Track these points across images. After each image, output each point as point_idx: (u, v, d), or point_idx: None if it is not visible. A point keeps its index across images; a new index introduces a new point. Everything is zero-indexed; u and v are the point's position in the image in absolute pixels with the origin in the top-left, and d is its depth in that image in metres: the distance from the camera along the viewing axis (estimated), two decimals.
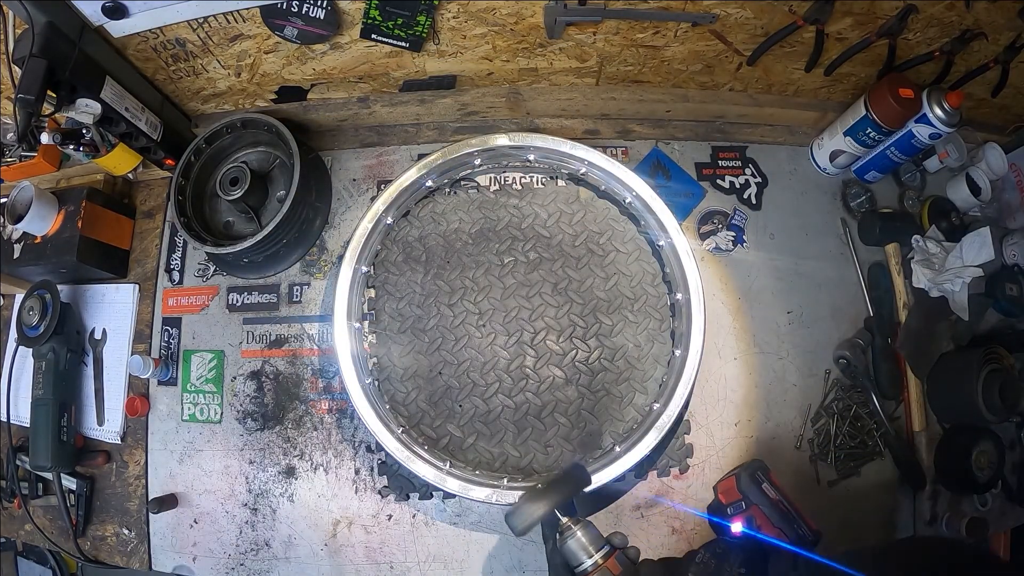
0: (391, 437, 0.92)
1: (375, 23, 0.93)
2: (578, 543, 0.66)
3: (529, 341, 1.00)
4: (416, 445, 0.93)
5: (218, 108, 1.14)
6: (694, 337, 0.94)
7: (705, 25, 0.95)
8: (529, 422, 0.96)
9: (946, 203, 1.18)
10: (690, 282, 0.97)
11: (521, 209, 1.07)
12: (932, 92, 1.03)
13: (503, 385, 0.98)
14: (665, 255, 1.02)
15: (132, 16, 0.89)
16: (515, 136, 1.06)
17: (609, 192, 1.07)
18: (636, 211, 1.06)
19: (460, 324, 1.01)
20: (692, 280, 0.97)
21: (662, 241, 1.02)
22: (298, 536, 1.01)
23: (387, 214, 1.05)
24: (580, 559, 0.66)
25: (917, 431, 1.06)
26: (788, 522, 0.87)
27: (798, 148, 1.20)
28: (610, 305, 1.02)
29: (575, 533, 0.66)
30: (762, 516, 0.85)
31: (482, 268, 1.04)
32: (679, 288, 1.00)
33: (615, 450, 0.93)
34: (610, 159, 1.04)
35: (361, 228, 1.02)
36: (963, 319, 1.08)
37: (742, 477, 0.87)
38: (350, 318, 0.99)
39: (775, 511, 0.85)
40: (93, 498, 1.06)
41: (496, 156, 1.09)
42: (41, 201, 1.05)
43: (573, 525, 0.67)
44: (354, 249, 1.01)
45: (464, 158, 1.07)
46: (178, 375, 1.08)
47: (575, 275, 1.03)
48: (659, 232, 1.03)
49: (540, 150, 1.07)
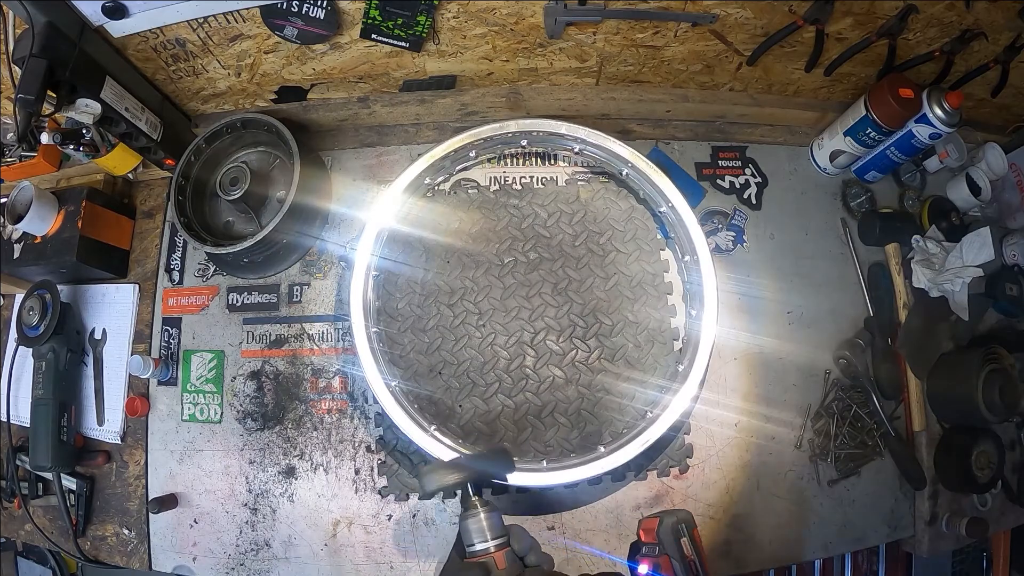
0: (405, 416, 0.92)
1: (375, 23, 0.93)
2: (477, 524, 0.66)
3: (529, 341, 1.00)
4: None
5: (218, 108, 1.14)
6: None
7: (705, 25, 0.95)
8: (529, 422, 0.96)
9: (946, 203, 1.18)
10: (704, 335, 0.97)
11: (521, 209, 1.07)
12: (932, 92, 1.03)
13: (503, 385, 0.98)
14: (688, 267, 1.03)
15: (132, 16, 0.89)
16: (575, 128, 1.05)
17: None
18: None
19: (460, 324, 1.01)
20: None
21: (687, 257, 1.03)
22: (298, 536, 1.01)
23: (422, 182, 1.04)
24: (472, 540, 0.66)
25: (917, 431, 1.06)
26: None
27: (798, 148, 1.20)
28: (610, 305, 1.02)
29: (479, 514, 0.67)
30: (669, 568, 0.82)
31: (482, 268, 1.04)
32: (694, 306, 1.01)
33: (599, 449, 0.93)
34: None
35: None
36: (963, 319, 1.08)
37: (664, 524, 0.83)
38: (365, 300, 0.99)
39: (683, 568, 0.82)
40: (93, 498, 1.06)
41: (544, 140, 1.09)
42: (41, 201, 1.05)
43: (480, 506, 0.67)
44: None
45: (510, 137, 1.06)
46: (178, 375, 1.08)
47: (575, 275, 1.03)
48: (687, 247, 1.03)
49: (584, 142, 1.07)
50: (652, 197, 1.05)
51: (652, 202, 1.06)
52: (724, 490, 1.01)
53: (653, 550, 0.85)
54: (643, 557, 0.85)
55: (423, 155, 1.04)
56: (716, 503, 1.01)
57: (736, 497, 1.01)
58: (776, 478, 1.03)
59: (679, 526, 0.84)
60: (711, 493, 1.01)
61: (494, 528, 0.67)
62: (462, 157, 1.09)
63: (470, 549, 0.66)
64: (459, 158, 1.08)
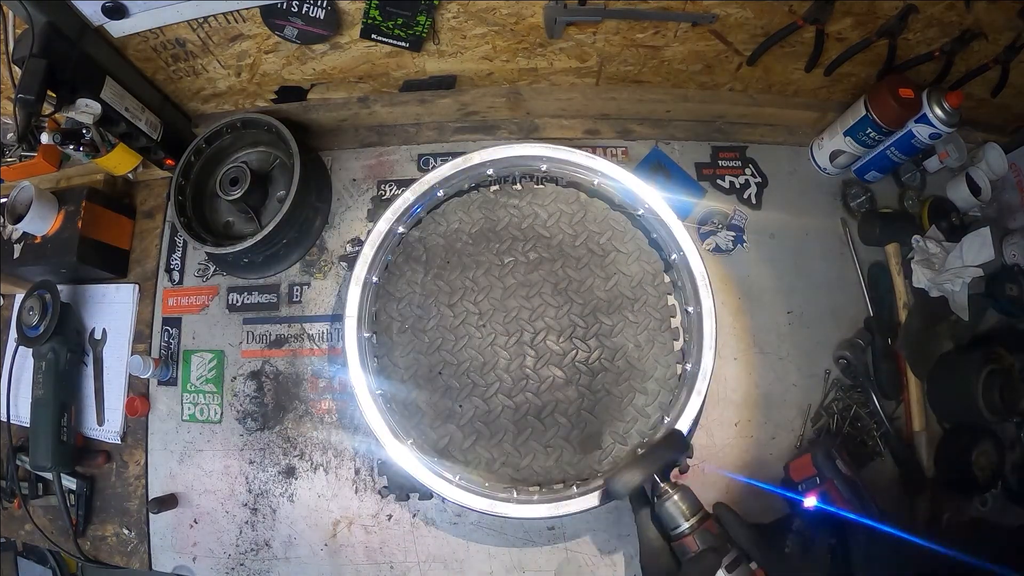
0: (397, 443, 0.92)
1: (375, 23, 0.93)
2: (675, 506, 0.70)
3: (529, 341, 1.00)
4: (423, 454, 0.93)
5: (218, 108, 1.14)
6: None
7: (705, 25, 0.95)
8: (529, 422, 0.96)
9: (946, 203, 1.18)
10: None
11: (521, 209, 1.07)
12: (932, 92, 1.03)
13: (503, 385, 0.98)
14: (678, 270, 1.02)
15: (132, 16, 0.89)
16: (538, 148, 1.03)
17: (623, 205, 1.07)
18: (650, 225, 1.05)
19: (460, 324, 1.01)
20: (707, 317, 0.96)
21: (674, 256, 1.02)
22: (298, 536, 1.01)
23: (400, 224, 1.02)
24: (678, 522, 0.69)
25: (917, 431, 1.06)
26: (859, 497, 0.90)
27: (798, 148, 1.20)
28: (610, 305, 1.02)
29: (671, 497, 0.70)
30: (836, 491, 0.89)
31: (482, 268, 1.04)
32: (691, 303, 1.00)
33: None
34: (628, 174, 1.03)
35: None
36: (963, 319, 1.08)
37: (818, 455, 0.91)
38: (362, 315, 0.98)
39: (848, 487, 0.89)
40: (93, 498, 1.06)
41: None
42: (41, 201, 1.05)
43: (671, 489, 0.70)
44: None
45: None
46: (178, 375, 1.08)
47: (575, 275, 1.03)
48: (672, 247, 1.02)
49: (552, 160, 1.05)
50: (627, 202, 1.05)
51: (629, 207, 1.05)
52: (724, 490, 1.01)
53: (813, 482, 0.91)
54: (806, 491, 0.91)
55: (390, 206, 1.01)
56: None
57: (736, 497, 1.01)
58: (776, 478, 1.02)
59: (831, 451, 0.90)
60: (711, 493, 1.01)
61: (692, 504, 0.70)
62: (429, 198, 1.05)
63: (677, 531, 0.70)
64: (424, 201, 1.05)
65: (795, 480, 0.95)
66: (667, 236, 1.02)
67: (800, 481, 0.94)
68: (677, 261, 1.01)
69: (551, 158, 1.04)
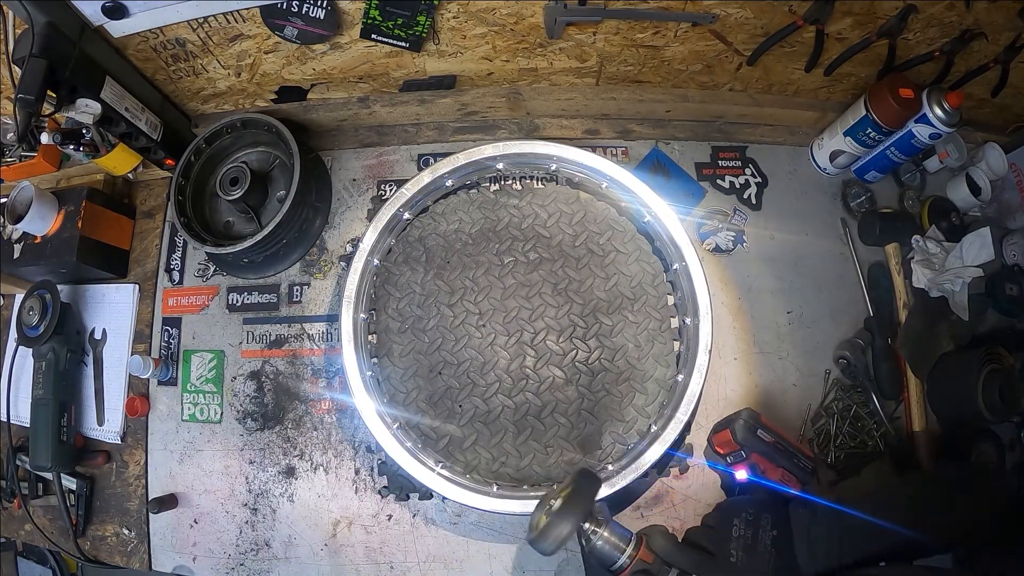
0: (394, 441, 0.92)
1: (375, 23, 0.93)
2: (606, 543, 0.67)
3: (529, 341, 1.00)
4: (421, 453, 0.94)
5: (218, 108, 1.14)
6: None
7: (705, 25, 0.95)
8: (529, 422, 0.96)
9: (946, 203, 1.18)
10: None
11: (521, 209, 1.07)
12: (932, 92, 1.03)
13: (503, 385, 0.98)
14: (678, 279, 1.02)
15: (132, 16, 0.89)
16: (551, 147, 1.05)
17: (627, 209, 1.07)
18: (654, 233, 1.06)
19: (460, 324, 1.01)
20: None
21: (675, 265, 1.02)
22: (298, 536, 1.01)
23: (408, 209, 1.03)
24: (614, 557, 0.67)
25: (917, 431, 1.06)
26: (788, 458, 0.91)
27: (798, 148, 1.20)
28: (610, 305, 1.02)
29: (601, 534, 0.67)
30: (764, 461, 0.88)
31: (482, 268, 1.04)
32: (688, 313, 1.00)
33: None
34: None
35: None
36: (963, 319, 1.08)
37: (737, 430, 0.89)
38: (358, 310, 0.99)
39: (774, 452, 0.88)
40: (93, 498, 1.06)
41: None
42: (41, 201, 1.05)
43: (597, 527, 0.67)
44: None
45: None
46: (178, 375, 1.08)
47: (575, 275, 1.03)
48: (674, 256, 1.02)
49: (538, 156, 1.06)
50: (632, 207, 1.05)
51: (636, 212, 1.05)
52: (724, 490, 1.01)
53: (739, 455, 0.90)
54: (734, 464, 0.90)
55: (403, 188, 1.04)
56: (716, 503, 1.01)
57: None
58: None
59: (749, 423, 0.89)
60: (711, 493, 1.01)
61: (621, 536, 0.68)
62: (438, 187, 1.07)
63: (616, 566, 0.67)
64: (434, 190, 1.07)
65: (721, 453, 0.94)
66: (670, 245, 1.02)
67: (727, 454, 0.93)
68: (679, 271, 1.01)
69: (562, 158, 1.05)
